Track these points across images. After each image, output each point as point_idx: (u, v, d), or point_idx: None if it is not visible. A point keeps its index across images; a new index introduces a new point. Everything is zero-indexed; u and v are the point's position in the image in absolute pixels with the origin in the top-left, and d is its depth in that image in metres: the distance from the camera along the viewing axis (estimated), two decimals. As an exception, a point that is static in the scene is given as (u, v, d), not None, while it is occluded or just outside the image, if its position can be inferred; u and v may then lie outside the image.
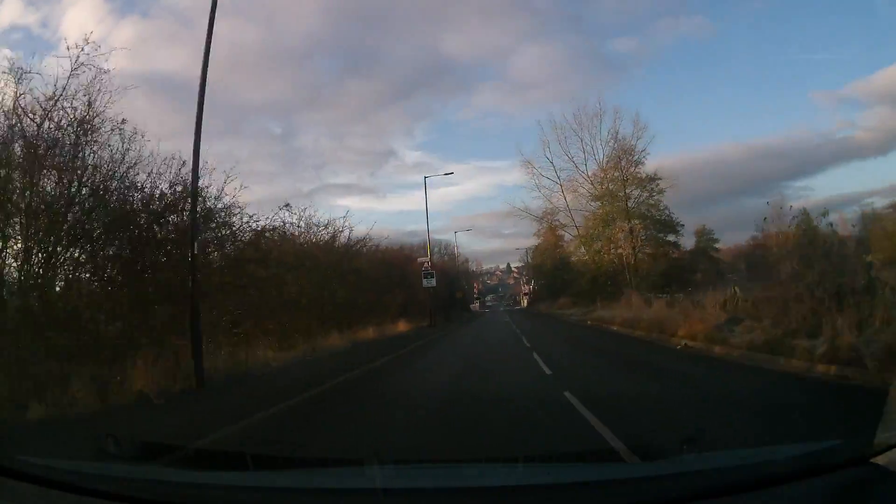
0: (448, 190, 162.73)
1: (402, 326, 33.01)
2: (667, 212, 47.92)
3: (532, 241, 67.52)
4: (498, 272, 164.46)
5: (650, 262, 45.45)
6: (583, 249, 50.06)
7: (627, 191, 47.05)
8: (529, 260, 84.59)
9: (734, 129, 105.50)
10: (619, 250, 46.81)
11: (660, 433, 6.04)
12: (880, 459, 2.10)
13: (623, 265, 45.73)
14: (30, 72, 11.85)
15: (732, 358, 12.28)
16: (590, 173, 50.10)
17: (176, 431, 7.00)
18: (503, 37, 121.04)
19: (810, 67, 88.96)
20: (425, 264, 37.42)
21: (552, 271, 60.82)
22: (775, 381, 9.53)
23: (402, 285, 36.85)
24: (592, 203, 49.53)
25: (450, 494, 2.49)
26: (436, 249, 59.57)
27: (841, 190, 79.29)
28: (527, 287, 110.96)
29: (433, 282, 36.32)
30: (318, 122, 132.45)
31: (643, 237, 47.42)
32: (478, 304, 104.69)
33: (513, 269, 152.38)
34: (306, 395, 10.38)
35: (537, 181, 52.34)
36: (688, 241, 50.29)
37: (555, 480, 2.63)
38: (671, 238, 48.21)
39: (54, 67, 15.08)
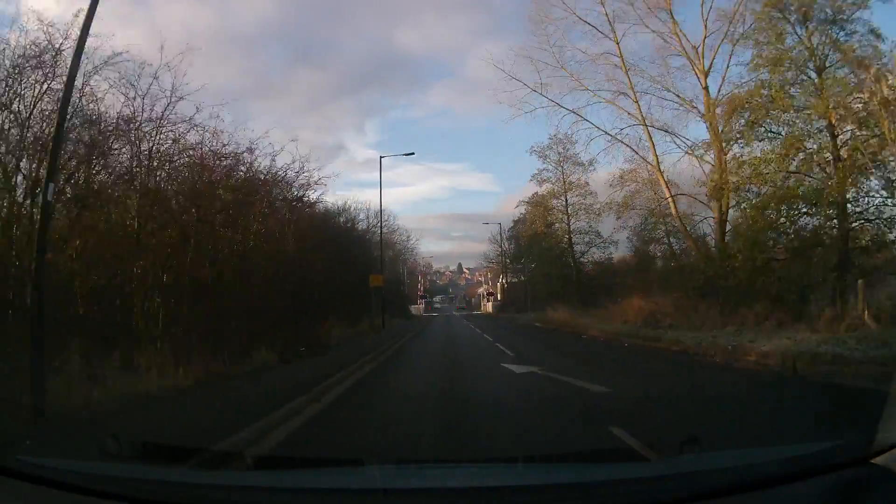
0: (400, 190, 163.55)
1: None
2: None
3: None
4: (448, 272, 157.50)
5: None
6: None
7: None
8: (504, 242, 58.63)
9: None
10: None
11: None
12: (880, 460, 2.12)
13: None
14: None
15: None
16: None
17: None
18: (459, 34, 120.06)
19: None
20: None
21: (558, 255, 41.32)
22: None
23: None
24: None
25: (450, 494, 2.51)
26: (362, 217, 39.32)
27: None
28: (489, 286, 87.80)
29: None
30: (268, 111, 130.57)
31: None
32: (422, 305, 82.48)
33: (464, 269, 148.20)
34: None
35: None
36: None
37: (554, 480, 2.67)
38: None
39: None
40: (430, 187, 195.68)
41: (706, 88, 24.50)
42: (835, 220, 19.29)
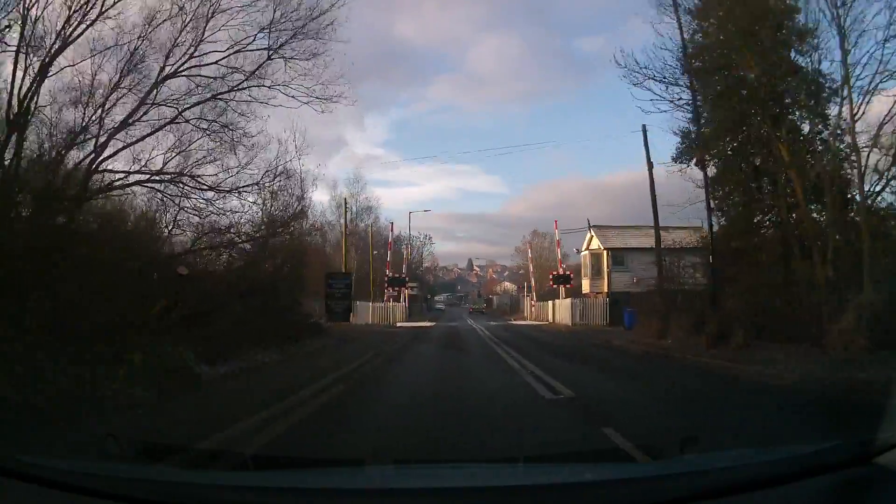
0: (409, 190, 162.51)
1: None
2: None
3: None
4: (457, 269, 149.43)
5: None
6: None
7: None
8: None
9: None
10: None
11: None
12: (882, 459, 2.10)
13: None
14: None
15: None
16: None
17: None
18: (461, 25, 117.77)
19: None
20: None
21: None
22: None
23: None
24: None
25: (450, 494, 2.50)
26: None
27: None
28: (552, 265, 45.42)
29: None
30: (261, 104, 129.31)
31: None
32: (406, 297, 51.88)
33: (475, 266, 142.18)
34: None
35: None
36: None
37: (555, 480, 2.66)
38: None
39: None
40: (438, 188, 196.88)
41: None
42: None
